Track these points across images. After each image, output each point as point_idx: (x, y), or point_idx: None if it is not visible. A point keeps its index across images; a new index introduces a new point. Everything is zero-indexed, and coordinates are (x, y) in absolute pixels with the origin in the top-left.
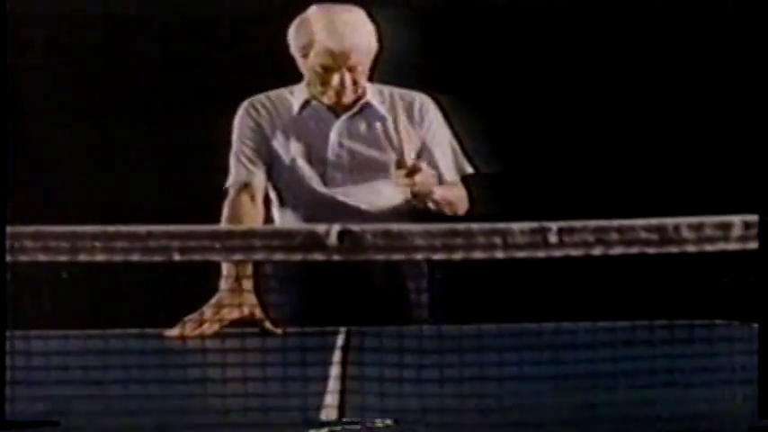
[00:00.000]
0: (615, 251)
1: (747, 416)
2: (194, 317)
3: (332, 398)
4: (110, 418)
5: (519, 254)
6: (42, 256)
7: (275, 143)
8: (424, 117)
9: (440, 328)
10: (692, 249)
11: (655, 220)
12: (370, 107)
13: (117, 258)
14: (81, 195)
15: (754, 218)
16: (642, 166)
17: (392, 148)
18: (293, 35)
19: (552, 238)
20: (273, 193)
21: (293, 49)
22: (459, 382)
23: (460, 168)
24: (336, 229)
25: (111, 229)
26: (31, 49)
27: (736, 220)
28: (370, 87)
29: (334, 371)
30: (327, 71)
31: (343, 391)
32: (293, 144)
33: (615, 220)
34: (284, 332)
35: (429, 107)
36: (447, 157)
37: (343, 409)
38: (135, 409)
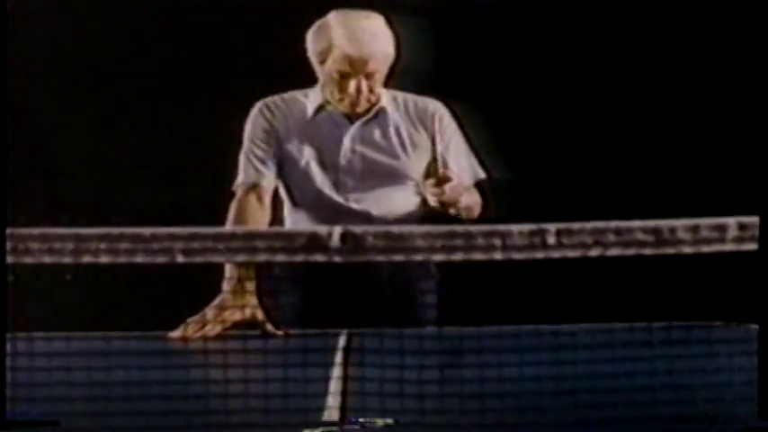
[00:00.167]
0: (612, 252)
1: (747, 417)
2: (196, 318)
3: (333, 399)
4: (111, 419)
5: (517, 255)
6: (47, 258)
7: (288, 145)
8: (439, 122)
9: (440, 330)
10: (688, 251)
11: (651, 222)
12: (384, 113)
13: (121, 260)
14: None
15: (749, 219)
16: (642, 169)
17: (407, 155)
18: (311, 40)
19: (550, 240)
20: (285, 195)
21: (310, 54)
22: (461, 384)
23: (474, 173)
24: (338, 230)
25: (116, 230)
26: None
27: (731, 221)
28: (384, 93)
29: (336, 372)
30: (344, 77)
31: (344, 393)
32: (306, 147)
33: (612, 222)
34: (285, 334)
35: (443, 113)
36: (461, 163)
37: (344, 410)
38: (137, 410)
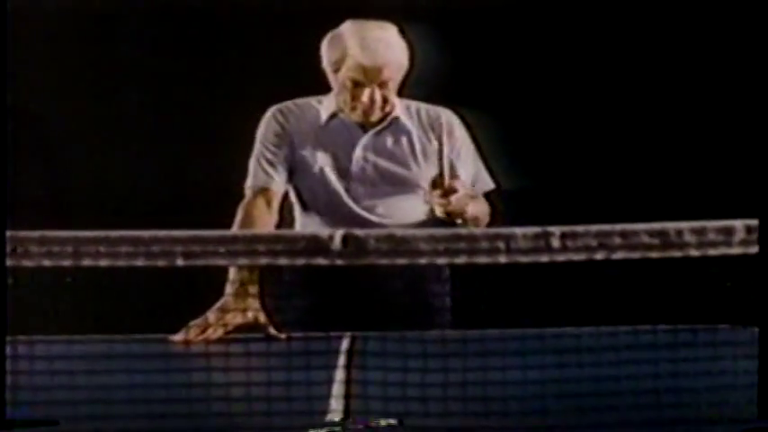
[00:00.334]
0: (618, 256)
1: (750, 419)
2: (199, 321)
3: (336, 402)
4: (113, 422)
5: (522, 258)
6: (47, 262)
7: (300, 150)
8: (450, 133)
9: (444, 332)
10: (694, 254)
11: (657, 225)
12: (397, 123)
13: (120, 263)
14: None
15: (755, 222)
16: (645, 172)
17: (418, 164)
18: (326, 49)
19: (555, 243)
20: (296, 200)
21: (325, 63)
22: (463, 387)
23: (484, 184)
24: (340, 233)
25: (115, 233)
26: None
27: (738, 224)
28: (397, 103)
29: (339, 375)
30: (358, 86)
31: (347, 396)
32: (318, 153)
33: (618, 225)
34: (287, 337)
35: (454, 123)
36: (471, 173)
37: (347, 413)
38: (139, 413)
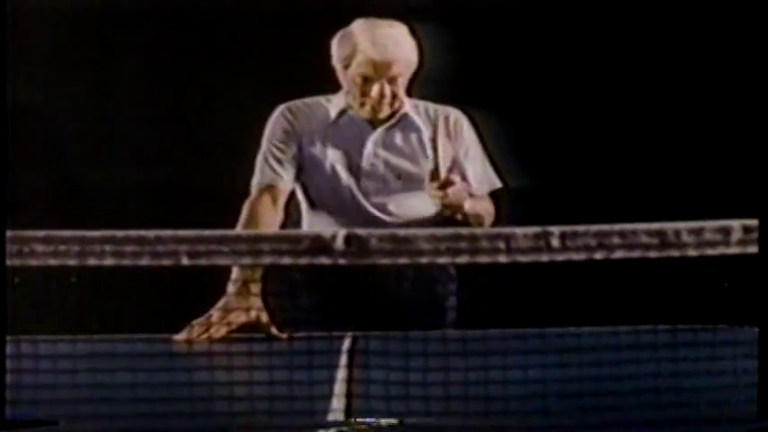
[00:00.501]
0: (617, 255)
1: (750, 419)
2: (201, 320)
3: (338, 401)
4: (116, 421)
5: (522, 258)
6: (53, 261)
7: (309, 148)
8: (457, 131)
9: (445, 332)
10: (692, 253)
11: (656, 225)
12: (407, 119)
13: (126, 262)
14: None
15: (754, 222)
16: (645, 172)
17: (426, 160)
18: (336, 46)
19: (555, 243)
20: (303, 198)
21: (335, 60)
22: (465, 386)
23: (490, 183)
24: (342, 233)
25: (120, 233)
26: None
27: (735, 224)
28: (406, 101)
29: (341, 374)
30: (367, 81)
31: (349, 395)
32: (328, 151)
33: (617, 225)
34: (290, 336)
35: (462, 122)
36: (477, 172)
37: (349, 412)
38: (142, 412)
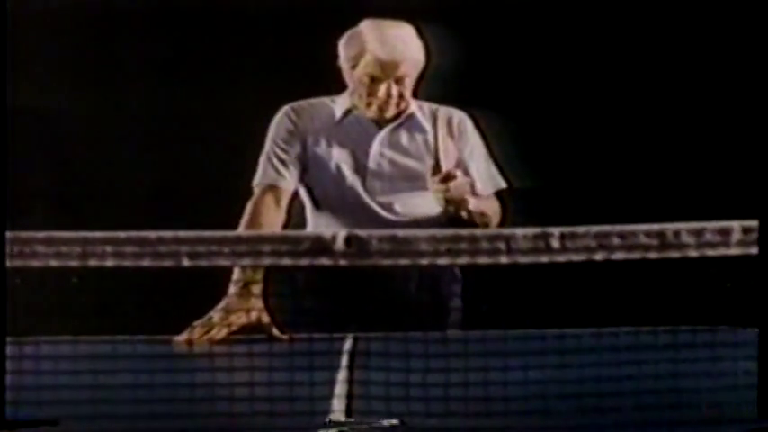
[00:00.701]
0: (617, 256)
1: (750, 420)
2: (202, 322)
3: (339, 402)
4: (117, 422)
5: (522, 259)
6: (54, 262)
7: (314, 148)
8: (462, 132)
9: (445, 333)
10: (693, 254)
11: (656, 226)
12: (413, 119)
13: (127, 263)
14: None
15: (753, 223)
16: (646, 173)
17: (430, 158)
18: (344, 46)
19: (555, 244)
20: (307, 199)
21: (342, 60)
22: (465, 387)
23: (495, 183)
24: (343, 234)
25: (122, 234)
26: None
27: (735, 225)
28: (412, 102)
29: (341, 375)
30: (375, 81)
31: (349, 396)
32: (333, 151)
33: (617, 226)
34: (290, 337)
35: (467, 123)
36: (482, 172)
37: (350, 413)
38: (142, 413)
